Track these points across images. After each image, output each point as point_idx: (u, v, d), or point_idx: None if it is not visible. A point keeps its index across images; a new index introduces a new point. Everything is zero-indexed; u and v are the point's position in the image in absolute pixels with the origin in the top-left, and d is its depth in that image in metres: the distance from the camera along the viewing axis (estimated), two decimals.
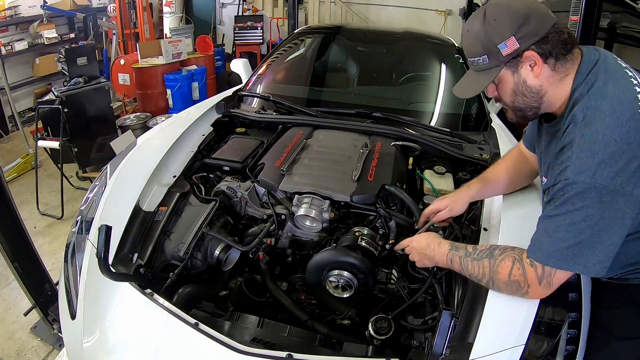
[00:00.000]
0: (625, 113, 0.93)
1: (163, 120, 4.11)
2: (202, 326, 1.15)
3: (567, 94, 1.03)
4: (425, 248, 1.25)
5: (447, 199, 1.45)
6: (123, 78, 5.08)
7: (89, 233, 1.45)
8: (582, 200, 0.93)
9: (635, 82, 0.99)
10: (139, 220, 1.49)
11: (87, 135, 3.92)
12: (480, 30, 1.02)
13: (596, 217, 0.92)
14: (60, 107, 3.53)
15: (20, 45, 5.60)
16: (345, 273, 1.33)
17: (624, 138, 0.91)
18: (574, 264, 0.97)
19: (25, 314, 2.29)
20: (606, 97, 0.95)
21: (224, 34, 7.70)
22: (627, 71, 1.02)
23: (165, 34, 6.06)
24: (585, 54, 1.03)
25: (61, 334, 1.67)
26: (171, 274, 1.35)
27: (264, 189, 1.64)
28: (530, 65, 1.01)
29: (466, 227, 1.49)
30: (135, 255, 1.40)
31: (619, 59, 1.05)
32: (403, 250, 1.35)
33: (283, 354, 1.09)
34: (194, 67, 5.11)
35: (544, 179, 1.13)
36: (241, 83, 2.81)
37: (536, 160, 1.29)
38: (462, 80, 1.15)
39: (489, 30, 1.01)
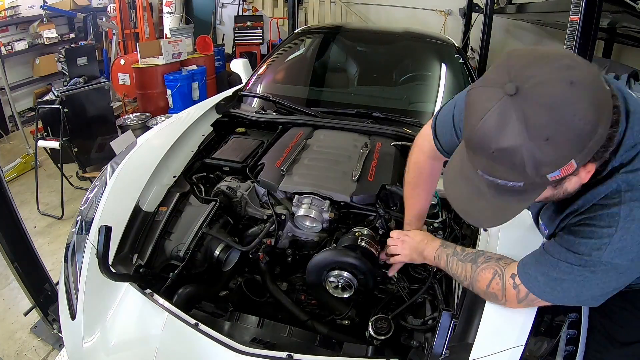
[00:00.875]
0: None
1: (163, 120, 4.11)
2: (202, 326, 1.15)
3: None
4: (419, 242, 1.25)
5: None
6: (123, 78, 5.09)
7: (89, 233, 1.45)
8: (605, 265, 0.82)
9: None
10: (139, 220, 1.49)
11: (87, 135, 3.92)
12: (522, 151, 0.67)
13: (612, 282, 0.85)
14: (60, 107, 3.53)
15: (20, 45, 5.60)
16: (345, 273, 1.33)
17: None
18: (566, 302, 0.93)
19: (25, 314, 2.29)
20: None
21: (224, 34, 7.70)
22: None
23: (165, 34, 6.06)
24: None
25: (61, 334, 1.67)
26: (171, 274, 1.35)
27: (264, 189, 1.64)
28: (579, 177, 0.77)
29: (466, 227, 1.49)
30: (135, 255, 1.40)
31: None
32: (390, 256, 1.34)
33: (283, 354, 1.09)
34: (194, 67, 5.11)
35: (543, 228, 1.05)
36: (241, 83, 2.81)
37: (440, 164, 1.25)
38: (478, 205, 0.82)
39: (536, 157, 0.68)
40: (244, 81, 2.81)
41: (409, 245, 1.28)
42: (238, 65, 3.03)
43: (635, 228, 0.79)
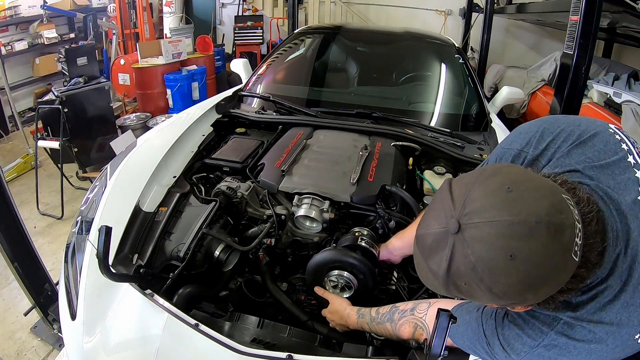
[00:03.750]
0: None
1: (163, 120, 4.12)
2: (202, 327, 1.15)
3: None
4: (340, 319, 1.31)
5: None
6: (123, 78, 5.09)
7: (89, 233, 1.45)
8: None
9: None
10: (139, 220, 1.49)
11: (87, 135, 3.92)
12: (438, 282, 0.71)
13: None
14: (60, 107, 3.53)
15: (20, 45, 5.60)
16: (345, 273, 1.33)
17: None
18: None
19: (25, 314, 2.30)
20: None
21: (224, 34, 7.70)
22: None
23: (165, 34, 6.06)
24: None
25: (61, 334, 1.67)
26: (171, 274, 1.35)
27: (264, 189, 1.64)
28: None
29: None
30: (136, 255, 1.40)
31: None
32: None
33: (283, 354, 1.09)
34: (194, 67, 5.12)
35: None
36: (241, 83, 2.81)
37: None
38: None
39: (450, 292, 0.72)
40: (244, 81, 2.81)
41: (337, 321, 1.33)
42: (238, 65, 3.03)
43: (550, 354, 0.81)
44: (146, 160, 1.73)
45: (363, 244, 1.36)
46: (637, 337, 0.77)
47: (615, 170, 0.81)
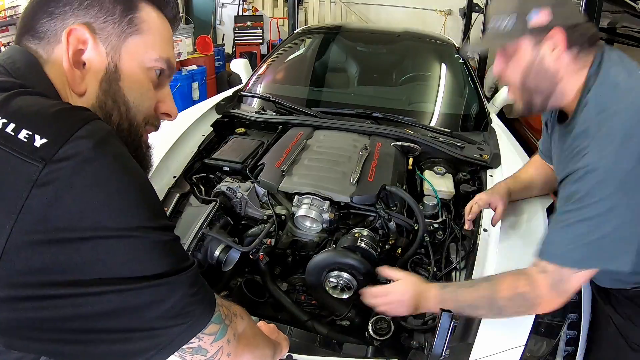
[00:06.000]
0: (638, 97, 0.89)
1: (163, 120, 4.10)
2: None
3: (580, 86, 0.97)
4: (410, 299, 1.12)
5: (486, 195, 1.40)
6: None
7: None
8: (603, 190, 0.85)
9: None
10: None
11: None
12: None
13: (621, 208, 0.84)
14: None
15: None
16: (345, 274, 1.33)
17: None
18: (597, 261, 0.89)
19: None
20: (618, 84, 0.92)
21: (224, 34, 7.70)
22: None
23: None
24: (605, 50, 0.98)
25: None
26: None
27: (264, 190, 1.64)
28: (552, 46, 0.95)
29: None
30: None
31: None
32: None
33: (283, 354, 1.09)
34: (194, 67, 5.12)
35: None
36: (241, 83, 2.81)
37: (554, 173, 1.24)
38: (478, 41, 1.14)
39: None
40: (244, 81, 2.81)
41: (400, 305, 1.14)
42: (238, 65, 3.03)
43: (607, 125, 0.89)
44: None
45: (363, 244, 1.36)
46: None
47: None
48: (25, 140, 0.50)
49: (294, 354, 1.09)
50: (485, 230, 1.38)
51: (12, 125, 0.51)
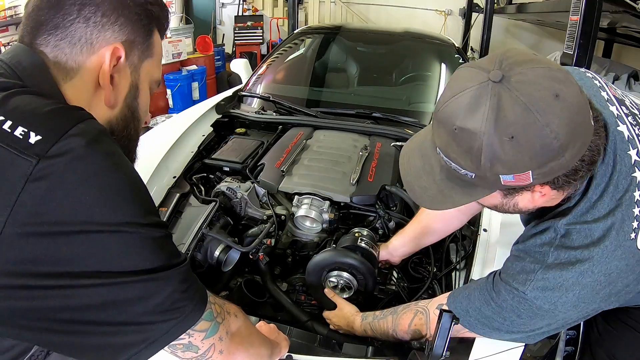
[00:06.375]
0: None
1: (163, 120, 4.11)
2: None
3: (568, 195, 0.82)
4: (346, 325, 1.29)
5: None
6: None
7: None
8: (534, 322, 0.87)
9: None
10: None
11: None
12: (483, 139, 0.66)
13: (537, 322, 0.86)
14: None
15: None
16: (345, 274, 1.33)
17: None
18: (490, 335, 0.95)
19: None
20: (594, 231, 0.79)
21: (224, 34, 7.70)
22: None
23: (165, 34, 6.06)
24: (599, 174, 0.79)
25: None
26: None
27: (263, 190, 1.64)
28: (531, 196, 0.76)
29: (466, 228, 1.49)
30: None
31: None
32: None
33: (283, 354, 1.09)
34: (194, 67, 5.12)
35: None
36: (241, 83, 2.81)
37: None
38: (425, 182, 0.80)
39: (495, 150, 0.66)
40: (244, 81, 2.81)
41: (343, 327, 1.31)
42: (238, 66, 3.03)
43: (556, 273, 0.80)
44: (146, 160, 1.72)
45: (363, 244, 1.36)
46: (632, 235, 0.78)
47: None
48: (21, 137, 0.52)
49: (294, 354, 1.09)
50: (485, 230, 1.37)
51: (8, 123, 0.53)
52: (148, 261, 0.57)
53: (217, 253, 1.44)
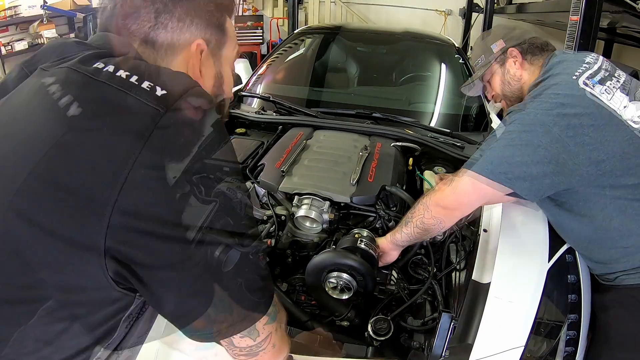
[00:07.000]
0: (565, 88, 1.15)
1: None
2: None
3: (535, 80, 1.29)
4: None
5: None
6: None
7: None
8: (524, 125, 1.14)
9: (585, 66, 1.20)
10: None
11: None
12: (481, 41, 1.50)
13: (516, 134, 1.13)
14: None
15: (20, 45, 5.60)
16: (344, 275, 1.33)
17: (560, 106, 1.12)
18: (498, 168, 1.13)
19: None
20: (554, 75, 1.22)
21: None
22: (586, 58, 1.24)
23: None
24: (554, 54, 1.32)
25: None
26: None
27: (264, 190, 1.64)
28: (513, 61, 1.37)
29: (466, 228, 1.49)
30: None
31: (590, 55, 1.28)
32: None
33: None
34: None
35: None
36: (241, 83, 2.81)
37: None
38: (469, 79, 1.58)
39: (486, 38, 1.46)
40: (244, 81, 2.81)
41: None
42: (238, 66, 3.03)
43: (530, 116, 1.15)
44: None
45: (362, 245, 1.35)
46: (578, 79, 1.15)
47: None
48: (148, 89, 0.61)
49: (294, 354, 1.09)
50: (485, 230, 1.38)
51: (135, 77, 0.61)
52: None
53: (217, 253, 1.44)
